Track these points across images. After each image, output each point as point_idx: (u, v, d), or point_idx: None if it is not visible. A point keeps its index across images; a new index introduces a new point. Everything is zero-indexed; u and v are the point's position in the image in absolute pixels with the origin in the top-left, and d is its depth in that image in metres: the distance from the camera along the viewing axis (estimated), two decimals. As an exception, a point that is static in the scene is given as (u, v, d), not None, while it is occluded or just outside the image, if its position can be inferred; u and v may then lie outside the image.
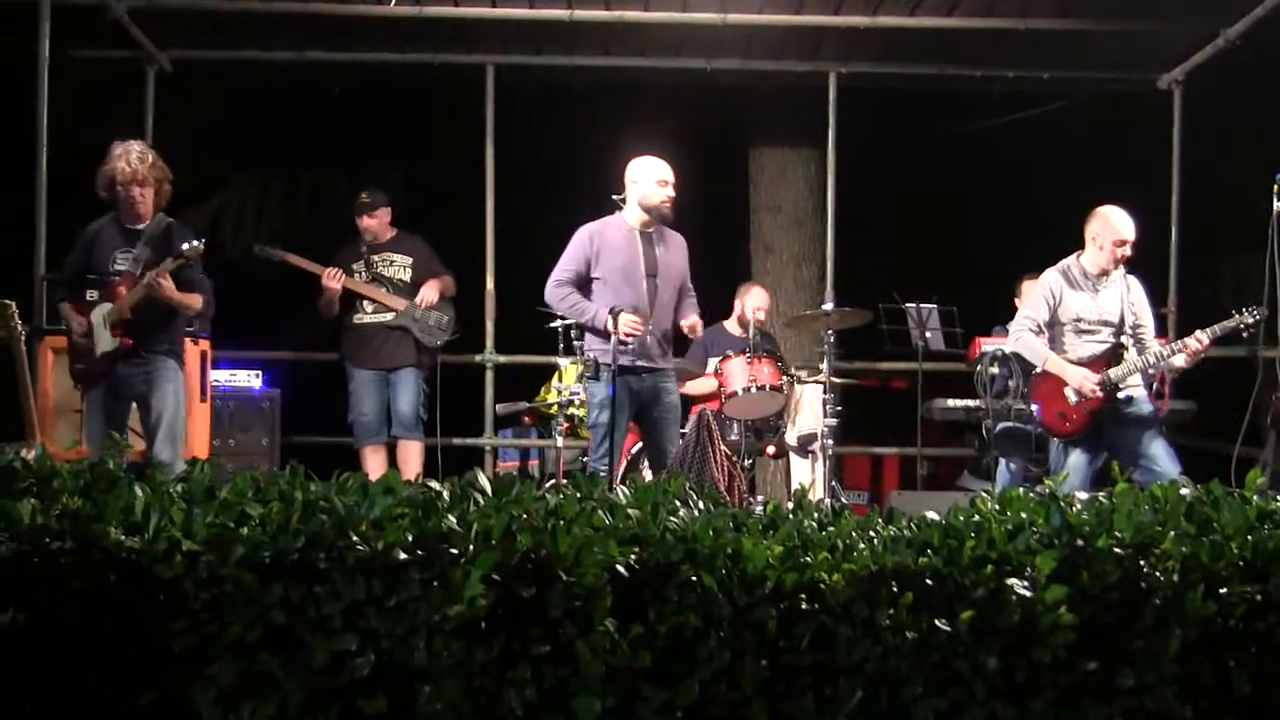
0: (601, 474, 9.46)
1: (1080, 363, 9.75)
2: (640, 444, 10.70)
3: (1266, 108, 12.08)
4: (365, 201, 12.14)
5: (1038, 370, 9.95)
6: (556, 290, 9.87)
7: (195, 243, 9.39)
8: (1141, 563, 4.66)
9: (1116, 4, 11.65)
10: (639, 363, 9.65)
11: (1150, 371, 9.85)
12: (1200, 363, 10.37)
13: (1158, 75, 13.08)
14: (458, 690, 4.35)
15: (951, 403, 12.36)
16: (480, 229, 13.13)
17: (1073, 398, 9.69)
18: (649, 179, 9.84)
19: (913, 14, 11.96)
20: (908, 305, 12.96)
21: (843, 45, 12.73)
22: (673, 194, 9.83)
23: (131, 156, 9.36)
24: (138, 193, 9.37)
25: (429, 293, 11.95)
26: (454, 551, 4.43)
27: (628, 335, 9.45)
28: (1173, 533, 4.76)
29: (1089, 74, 13.21)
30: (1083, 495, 5.15)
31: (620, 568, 4.45)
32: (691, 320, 9.91)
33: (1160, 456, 9.58)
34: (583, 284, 9.84)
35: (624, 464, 10.47)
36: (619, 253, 9.79)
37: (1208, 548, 4.70)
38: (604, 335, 9.61)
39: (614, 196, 9.99)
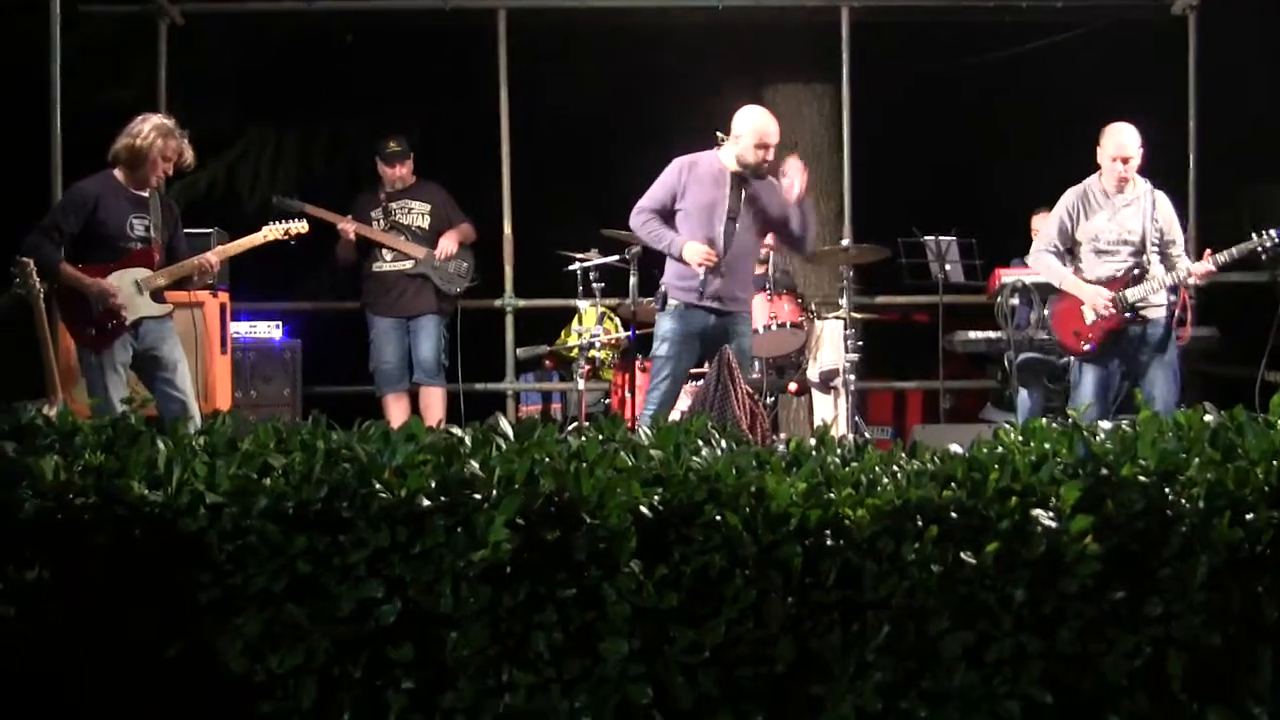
0: (649, 411, 9.49)
1: (1098, 282, 9.77)
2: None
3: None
4: (395, 150, 12.11)
5: (1056, 290, 9.98)
6: (638, 216, 9.88)
7: (301, 223, 10.09)
8: (1166, 490, 4.64)
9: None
10: (707, 303, 9.64)
11: (1172, 297, 9.83)
12: (1221, 288, 10.38)
13: (1172, 0, 13.01)
14: (484, 635, 4.35)
15: (973, 335, 12.35)
16: (496, 174, 13.10)
17: (1089, 316, 9.70)
18: (750, 139, 9.77)
19: (925, -54, 11.93)
20: (926, 238, 12.94)
21: (855, -21, 12.70)
22: (768, 157, 9.80)
23: (178, 136, 9.39)
24: (169, 169, 9.44)
25: (448, 243, 11.95)
26: (477, 497, 4.42)
27: (699, 264, 9.51)
28: (1197, 459, 4.74)
29: (1103, 1, 13.14)
30: (1105, 425, 5.13)
31: (644, 509, 4.45)
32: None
33: (1158, 384, 9.62)
34: (667, 215, 9.84)
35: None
36: (705, 190, 9.78)
37: (1233, 473, 4.67)
38: (677, 264, 9.70)
39: (718, 134, 9.94)
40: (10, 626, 4.35)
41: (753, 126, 9.78)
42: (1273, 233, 9.56)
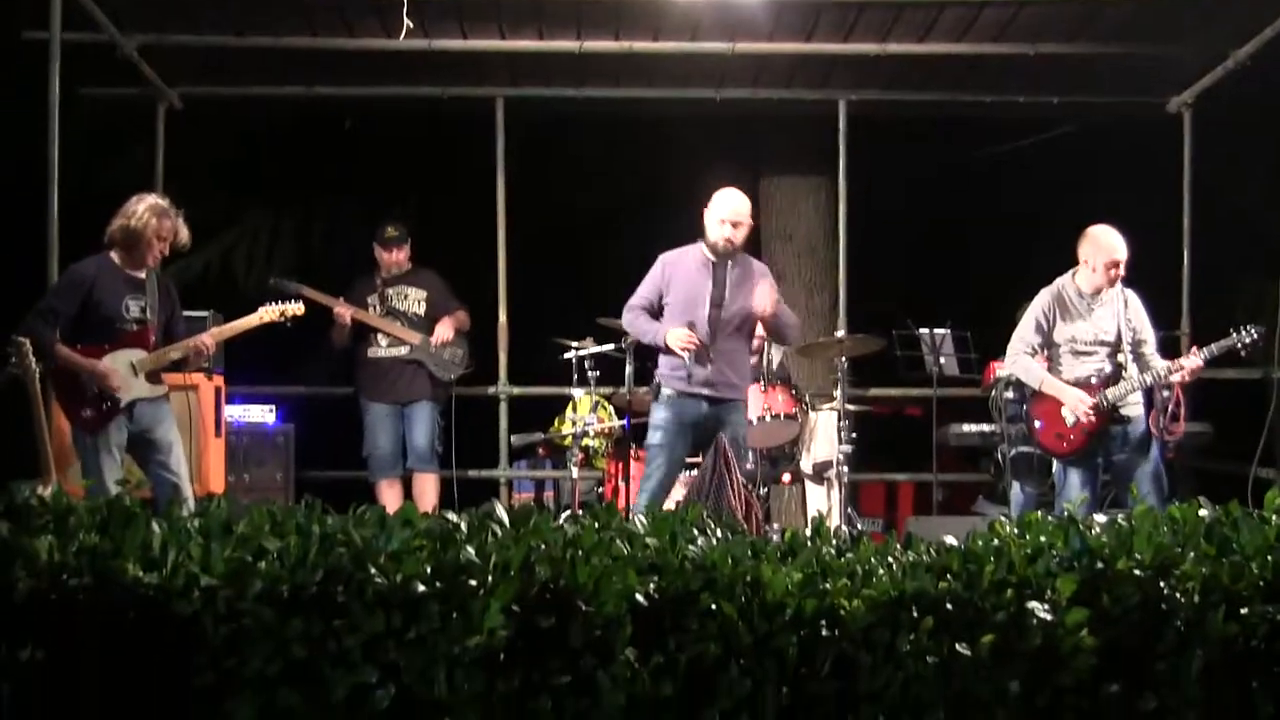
0: (643, 499, 9.52)
1: (1077, 383, 9.76)
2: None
3: (1277, 129, 12.04)
4: (393, 235, 12.15)
5: (1035, 391, 9.95)
6: (627, 314, 10.04)
7: (297, 304, 10.07)
8: (1162, 584, 4.65)
9: (1126, 28, 11.62)
10: (699, 390, 9.71)
11: (1164, 390, 9.82)
12: (1215, 384, 10.38)
13: (1167, 98, 13.06)
14: (478, 722, 4.34)
15: (967, 428, 12.36)
16: (492, 261, 13.12)
17: (1070, 418, 9.69)
18: (713, 215, 9.97)
19: (923, 40, 11.94)
20: (921, 331, 12.95)
21: (852, 73, 12.73)
22: (731, 235, 9.88)
23: (173, 216, 9.41)
24: (164, 249, 9.45)
25: (444, 330, 11.95)
26: (473, 583, 4.42)
27: (682, 349, 9.59)
28: (1192, 554, 4.75)
29: (1099, 98, 13.19)
30: (1100, 518, 5.14)
31: (640, 597, 4.44)
32: (765, 299, 9.89)
33: (1143, 482, 9.58)
34: (656, 312, 9.98)
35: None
36: (687, 281, 9.93)
37: (1228, 568, 4.68)
38: (666, 354, 9.80)
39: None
40: (2, 707, 4.33)
41: (717, 204, 9.99)
42: (1251, 329, 9.56)
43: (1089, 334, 9.81)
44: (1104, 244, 9.79)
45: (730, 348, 9.88)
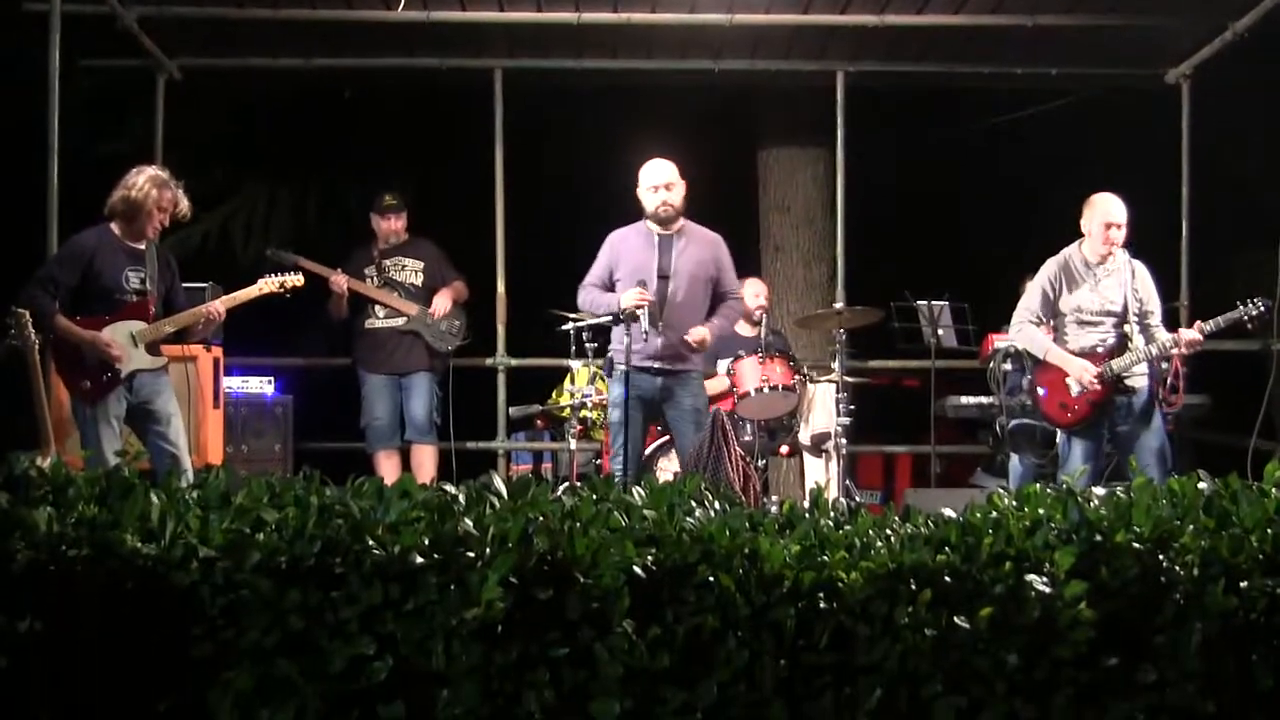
0: (616, 473, 9.55)
1: (1082, 353, 9.75)
2: (657, 443, 10.83)
3: (1276, 101, 12.02)
4: (391, 204, 12.12)
5: (1039, 361, 9.95)
6: (582, 292, 10.31)
7: (297, 276, 10.12)
8: (1161, 557, 4.65)
9: (1124, -1, 11.63)
10: (649, 363, 9.77)
11: (1163, 362, 9.83)
12: (1214, 356, 10.38)
13: (1165, 70, 13.03)
14: (476, 694, 4.34)
15: (965, 400, 12.36)
16: (490, 232, 13.10)
17: (1074, 388, 9.69)
18: (642, 185, 10.21)
19: (920, 12, 11.91)
20: (919, 303, 12.95)
21: (850, 44, 12.69)
22: (666, 198, 10.09)
23: (174, 187, 9.42)
24: (164, 220, 9.46)
25: (442, 302, 11.93)
26: (471, 555, 4.42)
27: (636, 306, 9.71)
28: (1191, 527, 4.75)
29: (1097, 70, 13.18)
30: (1099, 490, 5.14)
31: (637, 569, 4.45)
32: (696, 334, 9.95)
33: (1146, 453, 9.57)
34: (608, 289, 10.17)
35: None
36: (633, 256, 10.09)
37: (1227, 541, 4.68)
38: (617, 325, 9.90)
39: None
40: (1, 677, 4.34)
41: (643, 175, 10.25)
42: (1258, 301, 9.56)
43: (1095, 304, 9.80)
44: (1100, 208, 9.81)
45: (680, 319, 9.97)
